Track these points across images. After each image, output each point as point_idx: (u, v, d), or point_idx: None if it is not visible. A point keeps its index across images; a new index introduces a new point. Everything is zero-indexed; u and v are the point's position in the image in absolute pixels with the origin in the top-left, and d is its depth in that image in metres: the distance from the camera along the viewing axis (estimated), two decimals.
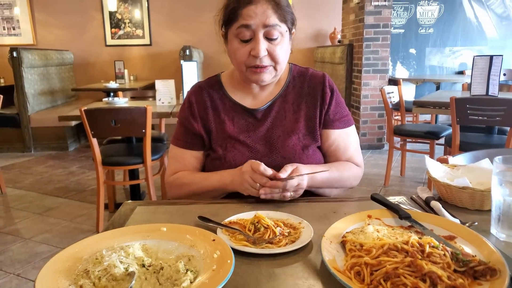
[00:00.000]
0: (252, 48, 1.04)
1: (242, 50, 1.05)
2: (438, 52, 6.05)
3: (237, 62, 1.08)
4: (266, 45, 1.04)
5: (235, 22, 1.04)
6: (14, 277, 2.18)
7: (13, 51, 4.65)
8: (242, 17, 1.03)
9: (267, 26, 1.02)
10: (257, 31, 1.03)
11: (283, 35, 1.06)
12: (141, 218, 0.94)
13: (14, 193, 3.52)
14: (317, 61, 6.10)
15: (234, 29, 1.05)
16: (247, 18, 1.02)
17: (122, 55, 6.12)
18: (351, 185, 1.19)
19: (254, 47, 1.03)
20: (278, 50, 1.05)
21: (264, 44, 1.04)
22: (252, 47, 1.04)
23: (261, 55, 1.03)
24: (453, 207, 0.96)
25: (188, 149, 1.18)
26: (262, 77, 1.07)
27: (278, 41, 1.05)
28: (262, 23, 1.02)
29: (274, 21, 1.02)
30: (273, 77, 1.11)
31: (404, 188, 3.54)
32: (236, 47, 1.06)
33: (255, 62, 1.05)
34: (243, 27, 1.03)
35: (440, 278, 0.59)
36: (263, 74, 1.07)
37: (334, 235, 0.78)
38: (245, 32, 1.03)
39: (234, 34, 1.06)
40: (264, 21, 1.02)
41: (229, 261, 0.66)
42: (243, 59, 1.06)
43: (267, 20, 1.02)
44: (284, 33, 1.07)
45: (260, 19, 1.01)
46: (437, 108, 2.99)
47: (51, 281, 0.61)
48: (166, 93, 3.28)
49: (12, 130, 4.86)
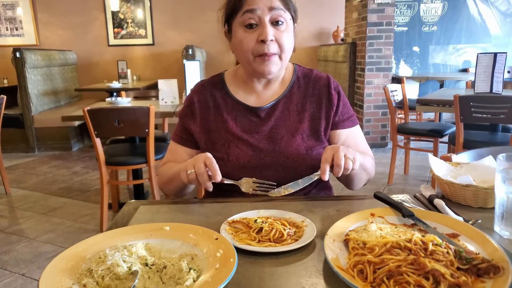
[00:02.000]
0: (259, 34, 1.04)
1: (248, 37, 1.05)
2: (442, 50, 6.02)
3: (244, 52, 1.07)
4: (272, 30, 1.04)
5: (240, 10, 1.05)
6: (19, 276, 2.19)
7: (16, 51, 4.67)
8: (246, 3, 1.04)
9: (272, 9, 1.03)
10: (262, 16, 1.03)
11: (287, 22, 1.06)
12: (144, 218, 0.94)
13: (19, 193, 3.54)
14: (320, 60, 6.09)
15: (239, 17, 1.05)
16: (251, 3, 1.03)
17: (125, 55, 6.14)
18: (371, 175, 1.18)
19: (262, 32, 1.03)
20: (284, 36, 1.05)
21: (271, 29, 1.04)
22: (259, 33, 1.04)
23: (269, 38, 1.02)
24: (457, 205, 0.95)
25: (182, 145, 1.21)
26: (270, 67, 1.06)
27: (284, 27, 1.06)
28: (267, 6, 1.03)
29: (278, 4, 1.03)
30: (279, 70, 1.10)
31: (408, 187, 3.53)
32: (242, 35, 1.06)
33: (263, 49, 1.04)
34: (249, 12, 1.03)
35: (443, 275, 0.59)
36: (270, 64, 1.06)
37: (337, 234, 0.78)
38: (250, 16, 1.03)
39: (240, 23, 1.06)
40: (269, 4, 1.03)
41: (232, 260, 0.66)
42: (250, 46, 1.05)
43: (272, 3, 1.03)
44: (288, 21, 1.07)
45: (264, 3, 1.03)
46: (440, 106, 2.97)
47: (55, 280, 0.61)
48: (169, 92, 3.28)
49: (16, 130, 4.89)
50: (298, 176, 1.06)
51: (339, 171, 0.95)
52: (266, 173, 1.12)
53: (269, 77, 1.11)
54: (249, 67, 1.10)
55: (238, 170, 1.12)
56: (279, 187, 1.04)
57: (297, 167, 1.11)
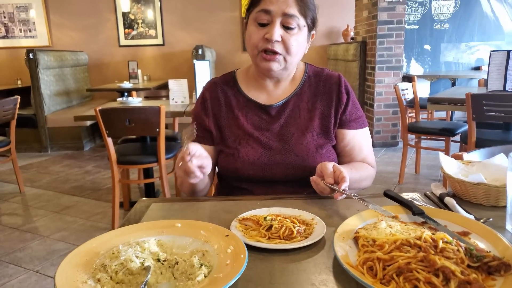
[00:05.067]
0: (266, 32, 1.05)
1: (257, 33, 1.06)
2: (454, 48, 5.94)
3: (251, 45, 1.09)
4: (281, 32, 1.05)
5: (257, 7, 1.06)
6: (33, 273, 2.23)
7: (29, 52, 4.75)
8: (263, 2, 1.05)
9: (285, 15, 1.04)
10: (275, 17, 1.04)
11: (300, 28, 1.07)
12: (156, 215, 0.95)
13: (32, 192, 3.61)
14: (330, 59, 6.06)
15: (254, 13, 1.07)
16: (268, 4, 1.04)
17: (136, 55, 6.19)
18: (366, 186, 1.19)
19: (269, 31, 1.04)
20: (292, 40, 1.06)
21: (280, 30, 1.04)
22: (267, 31, 1.05)
23: (274, 38, 1.03)
24: (468, 204, 0.95)
25: (198, 143, 1.20)
26: (271, 65, 1.08)
27: (295, 32, 1.06)
28: (282, 11, 1.03)
29: (293, 11, 1.04)
30: (282, 69, 1.11)
31: (418, 186, 3.50)
32: (252, 30, 1.07)
33: (266, 46, 1.05)
34: (262, 12, 1.04)
35: (453, 272, 0.59)
36: (272, 63, 1.07)
37: (347, 231, 0.79)
38: (263, 16, 1.05)
39: (253, 18, 1.07)
40: (284, 9, 1.03)
41: (242, 256, 0.67)
42: (256, 41, 1.06)
43: (287, 8, 1.03)
44: (302, 27, 1.07)
45: (280, 6, 1.03)
46: (452, 104, 2.94)
47: (70, 275, 0.63)
48: (179, 92, 3.31)
49: (29, 130, 4.97)
50: (307, 174, 1.06)
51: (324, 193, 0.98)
52: (276, 170, 1.13)
53: (271, 74, 1.12)
54: (254, 62, 1.13)
55: (248, 166, 1.13)
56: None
57: (306, 165, 1.12)
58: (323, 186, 0.97)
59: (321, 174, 0.99)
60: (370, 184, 1.21)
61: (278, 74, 1.13)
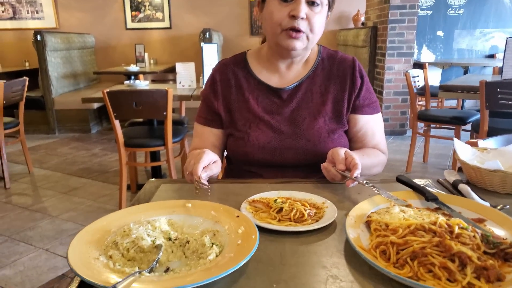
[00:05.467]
0: (292, 9, 1.01)
1: (281, 10, 1.02)
2: (468, 35, 5.80)
3: (272, 24, 1.04)
4: (306, 9, 1.02)
5: None
6: (43, 251, 2.27)
7: (37, 34, 4.74)
8: None
9: None
10: None
11: (323, 6, 1.04)
12: (166, 196, 0.95)
13: (41, 173, 3.64)
14: (339, 44, 5.97)
15: None
16: None
17: (143, 38, 6.15)
18: (376, 173, 1.18)
19: (295, 8, 1.00)
20: (316, 18, 1.03)
21: (305, 7, 1.01)
22: (292, 8, 1.01)
23: (301, 15, 1.00)
24: (483, 191, 0.93)
25: (207, 126, 1.19)
26: (295, 43, 1.04)
27: (318, 9, 1.03)
28: None
29: None
30: (304, 49, 1.08)
31: (426, 175, 3.48)
32: (274, 7, 1.03)
33: (292, 24, 1.02)
34: None
35: (469, 258, 0.58)
36: (296, 41, 1.04)
37: (359, 215, 0.77)
38: None
39: None
40: None
41: (253, 236, 0.66)
42: (280, 19, 1.03)
43: None
44: (324, 5, 1.05)
45: None
46: (465, 92, 2.88)
47: (83, 251, 0.63)
48: (187, 76, 3.28)
49: (37, 112, 5.00)
50: (319, 159, 1.05)
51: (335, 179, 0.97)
52: (286, 155, 1.12)
53: (292, 53, 1.09)
54: (274, 40, 1.08)
55: (257, 150, 1.11)
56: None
57: (317, 150, 1.10)
58: (334, 172, 0.95)
59: (332, 160, 0.98)
60: (381, 171, 1.20)
61: (299, 54, 1.10)
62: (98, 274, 0.56)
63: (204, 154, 0.93)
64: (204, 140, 1.19)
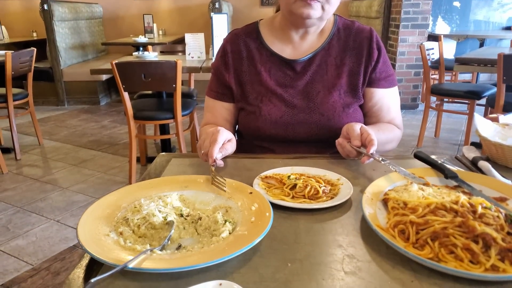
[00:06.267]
0: None
1: None
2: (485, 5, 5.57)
3: None
4: None
5: None
6: (55, 222, 2.31)
7: (44, 3, 4.65)
8: None
9: None
10: None
11: None
12: (177, 170, 0.93)
13: (51, 144, 3.67)
14: (351, 16, 5.79)
15: None
16: None
17: (151, 8, 6.02)
18: (391, 148, 1.14)
19: None
20: None
21: None
22: None
23: None
24: (504, 168, 0.90)
25: (219, 100, 1.16)
26: (309, 11, 0.99)
27: None
28: None
29: None
30: (318, 18, 1.02)
31: (437, 150, 3.43)
32: None
33: None
34: None
35: (494, 240, 0.55)
36: (311, 9, 0.98)
37: (375, 193, 0.75)
38: None
39: None
40: None
41: (267, 214, 0.65)
42: None
43: None
44: None
45: None
46: (481, 65, 2.79)
47: (92, 227, 0.62)
48: (196, 47, 3.22)
49: (46, 84, 4.98)
50: (333, 134, 1.02)
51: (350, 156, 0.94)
52: (299, 129, 1.09)
53: (307, 22, 1.03)
54: (288, 9, 1.02)
55: (269, 125, 1.09)
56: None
57: (332, 125, 1.07)
58: (349, 149, 0.92)
59: (347, 136, 0.94)
60: (396, 147, 1.16)
61: (313, 23, 1.05)
62: (108, 251, 0.55)
63: (219, 134, 0.90)
64: (216, 115, 1.16)
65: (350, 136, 0.93)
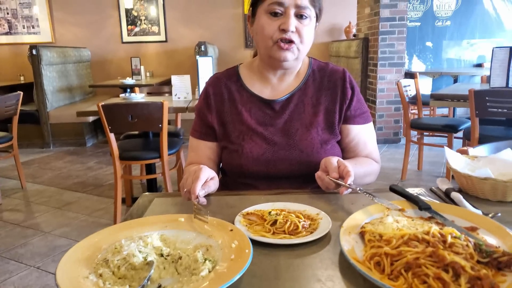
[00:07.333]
0: (282, 23, 1.04)
1: (271, 24, 1.05)
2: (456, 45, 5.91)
3: (264, 37, 1.07)
4: (295, 22, 1.04)
5: None
6: (34, 269, 2.23)
7: (32, 49, 4.74)
8: None
9: (298, 7, 1.04)
10: (288, 9, 1.04)
11: (311, 18, 1.07)
12: (159, 210, 0.94)
13: (34, 188, 3.61)
14: (332, 56, 6.04)
15: (266, 5, 1.05)
16: None
17: (139, 51, 6.18)
18: (370, 182, 1.18)
19: (285, 22, 1.03)
20: (305, 30, 1.06)
21: (294, 21, 1.04)
22: (282, 22, 1.04)
23: (290, 28, 1.03)
24: (475, 199, 0.93)
25: (202, 140, 1.20)
26: (286, 54, 1.06)
27: (307, 22, 1.06)
28: (295, 3, 1.03)
29: (305, 3, 1.04)
30: (295, 59, 1.10)
31: (421, 182, 3.49)
32: (265, 21, 1.06)
33: (282, 35, 1.04)
34: (276, 4, 1.03)
35: (463, 268, 0.57)
36: (288, 52, 1.06)
37: (353, 226, 0.77)
38: (277, 8, 1.04)
39: (265, 10, 1.06)
40: (297, 1, 1.03)
41: (247, 251, 0.66)
42: (271, 33, 1.05)
43: (299, 1, 1.03)
44: (312, 18, 1.08)
45: None
46: (455, 101, 2.92)
47: (72, 270, 0.62)
48: (182, 88, 3.29)
49: (31, 126, 4.97)
50: (312, 169, 1.05)
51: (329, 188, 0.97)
52: (280, 166, 1.12)
53: (284, 65, 1.10)
54: (266, 53, 1.10)
55: (252, 162, 1.12)
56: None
57: (311, 161, 1.11)
58: (328, 181, 0.96)
59: (325, 169, 0.98)
60: (374, 180, 1.20)
61: (290, 65, 1.12)
62: None
63: (201, 172, 0.93)
64: (200, 154, 1.19)
65: (328, 169, 0.97)
